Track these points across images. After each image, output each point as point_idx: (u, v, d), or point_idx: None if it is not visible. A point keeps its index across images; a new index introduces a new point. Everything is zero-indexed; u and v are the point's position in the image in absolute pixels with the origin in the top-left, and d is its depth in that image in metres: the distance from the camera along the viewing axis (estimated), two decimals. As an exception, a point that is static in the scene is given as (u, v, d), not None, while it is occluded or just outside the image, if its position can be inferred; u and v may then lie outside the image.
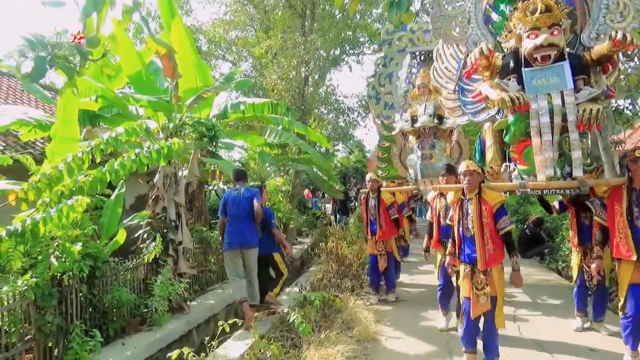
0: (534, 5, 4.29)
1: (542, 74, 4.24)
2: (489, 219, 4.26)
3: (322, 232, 10.62)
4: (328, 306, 5.91)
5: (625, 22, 4.42)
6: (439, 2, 4.82)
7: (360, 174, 32.00)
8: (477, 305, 4.26)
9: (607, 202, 4.49)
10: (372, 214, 7.04)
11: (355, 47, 20.06)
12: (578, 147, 4.21)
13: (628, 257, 4.16)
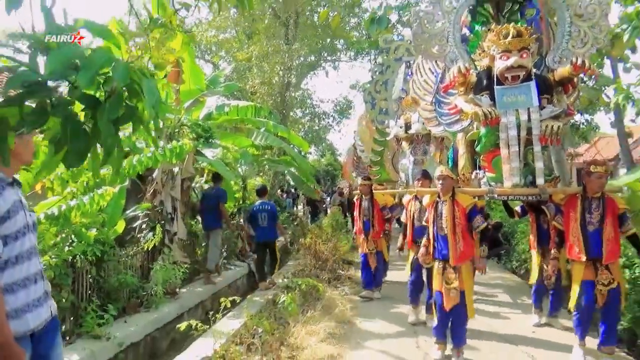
0: (506, 30, 4.54)
1: (511, 92, 4.46)
2: (462, 220, 4.61)
3: (301, 230, 10.81)
4: (310, 293, 6.28)
5: (584, 48, 4.72)
6: (421, 21, 5.01)
7: (330, 177, 32.28)
8: (448, 298, 4.58)
9: (563, 209, 4.81)
10: (366, 215, 7.18)
11: (333, 54, 20.24)
12: (540, 158, 4.44)
13: (579, 258, 4.49)
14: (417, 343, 5.34)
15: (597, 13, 4.75)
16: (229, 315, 5.49)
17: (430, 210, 4.87)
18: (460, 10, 5.04)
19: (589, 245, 4.43)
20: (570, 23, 4.81)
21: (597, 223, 4.45)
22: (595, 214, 4.47)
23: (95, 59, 1.54)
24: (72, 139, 1.57)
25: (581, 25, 4.79)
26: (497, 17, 5.40)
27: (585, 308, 4.50)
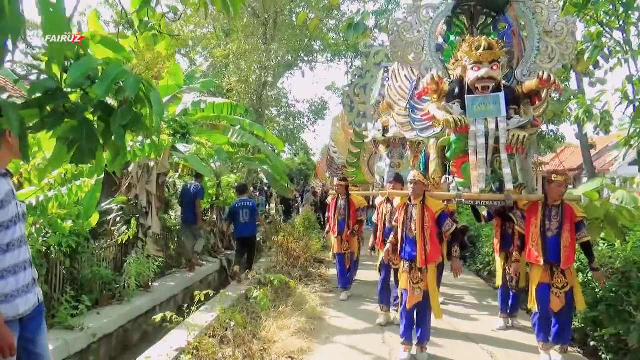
0: (479, 43, 4.73)
1: (481, 101, 4.65)
2: (430, 224, 4.75)
3: (274, 228, 10.89)
4: (281, 289, 6.39)
5: (551, 63, 4.98)
6: (399, 29, 5.16)
7: (304, 177, 32.32)
8: (412, 297, 4.73)
9: (526, 215, 4.97)
10: (342, 215, 7.27)
11: (309, 55, 20.32)
12: (507, 165, 4.63)
13: (537, 262, 4.67)
14: (383, 339, 5.51)
15: (564, 31, 5.00)
16: (202, 309, 5.55)
17: (401, 212, 4.99)
18: (436, 21, 5.22)
19: (547, 250, 4.63)
20: (539, 39, 5.04)
21: (556, 230, 4.63)
22: (555, 221, 4.65)
23: (109, 72, 1.78)
24: (86, 140, 1.80)
25: (549, 41, 5.02)
26: (471, 29, 5.62)
27: (542, 310, 4.69)
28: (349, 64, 21.92)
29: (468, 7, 5.67)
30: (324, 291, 7.53)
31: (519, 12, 5.21)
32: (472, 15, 5.71)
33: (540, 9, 5.09)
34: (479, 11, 5.74)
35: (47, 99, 1.70)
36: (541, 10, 5.08)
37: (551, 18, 5.06)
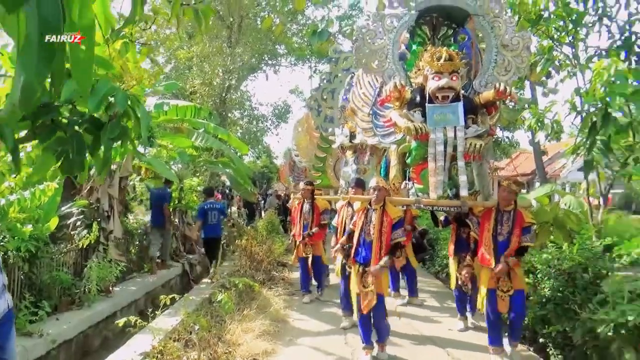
0: (440, 54, 4.89)
1: (441, 110, 4.79)
2: (388, 229, 4.86)
3: (237, 231, 10.84)
4: (245, 292, 6.38)
5: (507, 75, 5.17)
6: (364, 37, 5.26)
7: (266, 180, 32.18)
8: (365, 301, 4.81)
9: (480, 220, 5.16)
10: (306, 219, 7.29)
11: (274, 58, 20.30)
12: (464, 173, 4.79)
13: (489, 265, 4.84)
14: (345, 340, 5.62)
15: (520, 45, 5.20)
16: (166, 313, 5.50)
17: (360, 215, 5.08)
18: (400, 30, 5.34)
19: (497, 254, 4.79)
20: (496, 52, 5.23)
21: (506, 234, 4.82)
22: (506, 226, 4.84)
23: (100, 88, 1.89)
24: (77, 152, 1.92)
25: (506, 54, 5.22)
26: (432, 39, 5.80)
27: (491, 313, 4.88)
28: (312, 68, 22.03)
29: (430, 18, 5.85)
30: (287, 294, 7.59)
31: (478, 26, 5.39)
32: (434, 26, 5.89)
33: (498, 24, 5.28)
34: (441, 22, 5.93)
35: (39, 112, 1.76)
36: (499, 25, 5.28)
37: (508, 32, 5.26)
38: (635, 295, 4.16)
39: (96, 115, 2.01)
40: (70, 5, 1.36)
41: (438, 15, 5.84)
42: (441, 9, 5.61)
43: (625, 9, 6.96)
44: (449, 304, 7.21)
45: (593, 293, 4.76)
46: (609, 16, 7.14)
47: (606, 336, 4.15)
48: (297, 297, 7.53)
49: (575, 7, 7.27)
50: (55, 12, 1.27)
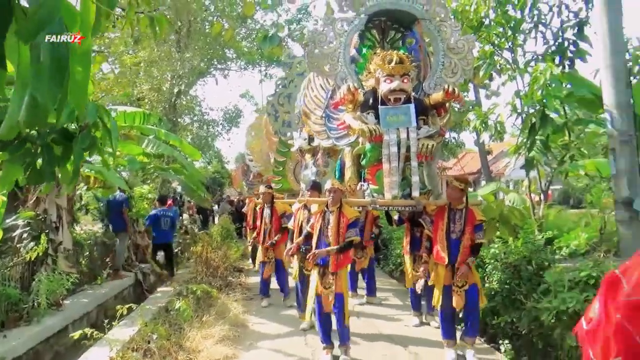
0: (391, 57, 4.99)
1: (393, 112, 4.89)
2: (345, 230, 4.86)
3: (191, 238, 10.66)
4: (203, 299, 6.28)
5: (454, 77, 5.35)
6: (315, 41, 5.29)
7: (218, 185, 31.70)
8: (326, 301, 4.82)
9: (434, 218, 5.21)
10: (267, 224, 7.22)
11: (223, 62, 20.09)
12: (416, 173, 4.90)
13: (443, 262, 4.91)
14: (305, 341, 5.64)
15: (465, 48, 5.41)
16: (122, 323, 5.33)
17: (318, 218, 5.09)
18: (350, 34, 5.40)
19: (451, 251, 4.88)
20: (443, 55, 5.40)
21: (459, 232, 4.90)
22: (458, 224, 4.92)
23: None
24: (48, 162, 1.96)
25: (452, 57, 5.40)
26: (382, 43, 5.92)
27: (446, 309, 4.94)
28: (263, 72, 21.98)
29: (379, 22, 5.96)
30: (245, 299, 7.55)
31: (425, 29, 5.53)
32: (383, 29, 6.01)
33: (445, 28, 5.46)
34: (389, 26, 6.06)
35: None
36: (445, 29, 5.45)
37: (454, 36, 5.44)
38: (574, 283, 4.38)
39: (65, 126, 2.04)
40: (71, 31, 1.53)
41: (387, 19, 5.95)
42: (390, 13, 5.72)
43: (558, 16, 7.41)
44: (405, 302, 7.31)
45: (537, 283, 4.99)
46: (544, 23, 7.57)
47: (549, 323, 4.37)
48: (256, 301, 7.51)
49: (513, 14, 7.67)
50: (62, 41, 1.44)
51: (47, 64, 1.42)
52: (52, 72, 1.43)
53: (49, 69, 1.42)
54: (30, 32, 1.35)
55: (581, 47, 7.30)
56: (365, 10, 5.41)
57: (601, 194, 8.25)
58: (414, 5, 5.47)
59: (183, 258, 10.73)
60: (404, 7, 5.49)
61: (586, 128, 6.46)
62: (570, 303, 4.14)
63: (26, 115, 1.45)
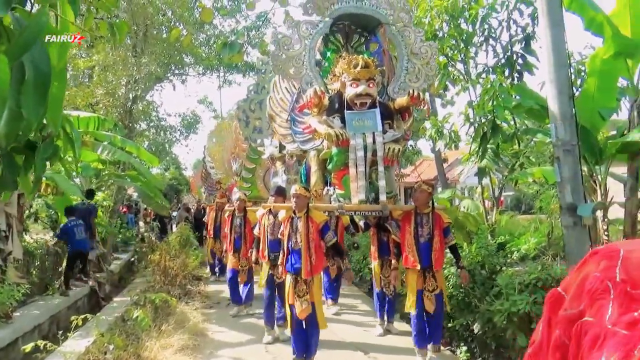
0: (357, 61, 4.95)
1: (359, 116, 4.85)
2: (315, 235, 4.74)
3: (149, 246, 10.41)
4: (162, 308, 6.13)
5: (418, 83, 5.35)
6: (279, 43, 5.19)
7: (175, 192, 31.09)
8: (301, 310, 4.64)
9: (401, 223, 5.18)
10: (237, 232, 7.06)
11: (180, 68, 19.76)
12: (383, 177, 4.85)
13: (414, 266, 4.87)
14: (266, 348, 5.56)
15: (428, 53, 5.42)
16: (76, 335, 5.08)
17: (286, 225, 4.91)
18: (315, 37, 5.32)
19: (420, 255, 4.85)
20: (407, 60, 5.39)
21: (427, 236, 4.88)
22: (426, 228, 4.91)
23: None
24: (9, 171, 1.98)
25: (416, 62, 5.39)
26: (346, 47, 5.86)
27: (418, 314, 4.87)
28: (221, 78, 21.73)
29: (343, 25, 5.91)
30: (205, 307, 7.40)
31: (390, 34, 5.52)
32: (347, 34, 5.97)
33: (408, 33, 5.46)
34: (353, 30, 6.02)
35: None
36: (409, 34, 5.46)
37: (417, 41, 5.45)
38: (524, 286, 4.50)
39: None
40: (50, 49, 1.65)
41: (351, 24, 5.93)
42: (354, 17, 5.70)
43: (507, 31, 7.74)
44: (366, 309, 7.29)
45: (490, 287, 5.07)
46: (494, 37, 7.88)
47: (501, 325, 4.46)
48: (215, 309, 7.38)
49: (465, 28, 7.97)
50: (44, 60, 1.57)
51: (31, 81, 1.53)
52: (36, 88, 1.54)
53: (33, 86, 1.53)
54: (16, 53, 1.48)
55: (528, 61, 7.63)
56: (329, 13, 5.37)
57: (550, 200, 8.66)
58: (378, 10, 5.47)
59: (140, 267, 10.44)
60: (368, 12, 5.49)
61: (534, 137, 6.72)
62: (520, 305, 4.26)
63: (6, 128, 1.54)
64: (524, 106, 6.00)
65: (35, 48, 1.52)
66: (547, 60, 4.82)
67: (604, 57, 4.93)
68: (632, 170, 5.07)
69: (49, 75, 1.57)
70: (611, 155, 5.22)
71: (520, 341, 4.31)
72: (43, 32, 1.55)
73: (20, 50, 1.48)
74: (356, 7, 5.48)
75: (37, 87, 1.54)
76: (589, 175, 5.44)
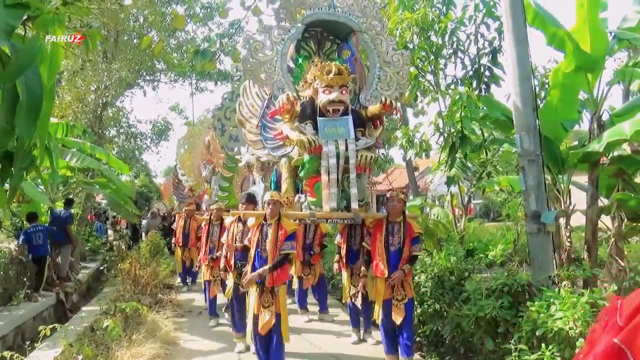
0: (329, 68, 4.94)
1: (332, 123, 4.84)
2: (282, 243, 4.59)
3: (118, 255, 10.21)
4: (132, 317, 6.02)
5: (390, 91, 5.37)
6: (251, 48, 5.11)
7: (145, 199, 30.50)
8: (264, 321, 4.48)
9: (372, 231, 5.09)
10: (213, 242, 6.94)
11: (152, 74, 19.51)
12: (355, 185, 4.83)
13: (382, 275, 4.78)
14: (238, 357, 5.52)
15: (400, 62, 5.47)
16: (43, 346, 4.94)
17: (255, 232, 4.79)
18: (287, 42, 5.27)
19: (390, 264, 4.77)
20: (379, 68, 5.41)
21: (398, 245, 4.81)
22: (397, 237, 4.83)
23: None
24: None
25: (388, 70, 5.43)
26: (318, 54, 5.86)
27: (387, 323, 4.81)
28: (194, 85, 21.58)
29: (315, 32, 5.90)
30: (176, 316, 7.31)
31: (362, 42, 5.53)
32: (319, 40, 5.96)
33: (380, 41, 5.48)
34: (325, 37, 6.02)
35: None
36: (381, 42, 5.48)
37: (389, 50, 5.48)
38: (491, 292, 4.59)
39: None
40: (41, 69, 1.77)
41: (323, 30, 5.92)
42: (326, 24, 5.69)
43: (475, 44, 7.99)
44: (343, 317, 7.11)
45: (458, 292, 5.13)
46: (462, 50, 8.12)
47: (469, 329, 4.52)
48: (187, 318, 7.30)
49: (435, 40, 8.20)
50: (37, 82, 1.68)
51: (24, 103, 1.63)
52: (29, 109, 1.65)
53: (27, 107, 1.64)
54: (11, 76, 1.59)
55: (495, 73, 7.87)
56: (302, 19, 5.35)
57: (516, 208, 8.90)
58: (350, 17, 5.47)
59: (109, 276, 10.23)
60: (341, 19, 5.49)
61: (501, 147, 6.90)
62: (488, 310, 4.33)
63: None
64: (490, 117, 6.17)
65: (29, 71, 1.62)
66: (512, 73, 4.97)
67: (566, 71, 5.12)
68: (593, 179, 5.27)
69: (41, 97, 1.67)
70: (573, 164, 5.39)
71: (487, 345, 4.38)
72: (36, 57, 1.64)
73: (15, 73, 1.57)
74: (329, 14, 5.47)
75: (30, 109, 1.64)
76: (552, 184, 5.60)
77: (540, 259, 4.79)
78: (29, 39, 1.72)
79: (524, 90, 4.85)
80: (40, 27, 1.77)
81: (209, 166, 10.65)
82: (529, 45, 4.88)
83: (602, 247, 6.09)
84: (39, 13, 1.73)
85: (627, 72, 5.06)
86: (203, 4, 19.52)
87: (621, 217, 5.26)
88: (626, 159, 5.34)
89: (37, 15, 1.73)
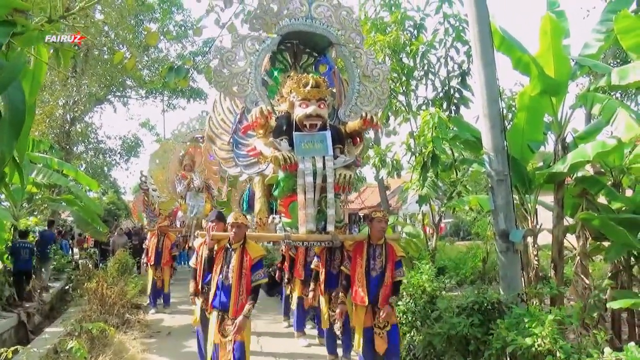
0: (306, 80, 4.65)
1: (309, 139, 4.56)
2: (248, 271, 4.26)
3: (84, 274, 9.89)
4: (98, 338, 5.83)
5: (370, 106, 5.21)
6: (223, 58, 4.84)
7: (113, 217, 29.73)
8: (224, 352, 4.18)
9: (351, 255, 4.75)
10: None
11: (122, 90, 19.26)
12: (333, 205, 4.54)
13: (363, 303, 4.48)
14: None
15: (380, 76, 5.31)
16: None
17: (219, 256, 4.41)
18: (262, 53, 4.98)
19: (370, 290, 4.47)
20: (359, 82, 5.24)
21: (380, 269, 4.51)
22: (379, 261, 4.53)
23: None
24: None
25: (368, 85, 5.27)
26: (294, 67, 5.65)
27: (368, 352, 4.51)
28: (165, 102, 21.37)
29: (291, 44, 5.66)
30: (144, 337, 7.10)
31: (340, 55, 5.35)
32: (295, 53, 5.73)
33: (360, 54, 5.31)
34: (302, 50, 5.79)
35: None
36: (360, 55, 5.30)
37: (369, 64, 5.30)
38: (462, 309, 4.61)
39: None
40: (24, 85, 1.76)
41: (300, 42, 5.69)
42: (303, 35, 5.45)
43: (445, 67, 8.22)
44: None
45: (430, 311, 5.11)
46: (433, 72, 8.34)
47: (441, 347, 4.54)
48: (155, 339, 7.11)
49: (406, 62, 8.39)
50: (20, 99, 1.67)
51: (7, 119, 1.63)
52: (12, 126, 1.65)
53: (9, 124, 1.64)
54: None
55: (465, 95, 8.11)
56: (278, 29, 5.05)
57: (486, 227, 9.07)
58: (329, 29, 5.24)
59: (74, 295, 9.87)
60: (319, 31, 5.23)
61: (470, 167, 7.04)
62: (459, 327, 4.35)
63: None
64: (460, 137, 6.31)
65: (13, 87, 1.61)
66: (481, 95, 5.08)
67: (532, 95, 5.32)
68: (558, 199, 5.44)
69: (24, 113, 1.67)
70: (539, 184, 5.54)
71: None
72: (20, 73, 1.65)
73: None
74: (306, 25, 5.21)
75: (12, 125, 1.63)
76: (520, 203, 5.74)
77: (510, 276, 4.88)
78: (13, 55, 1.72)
79: (492, 112, 4.97)
80: (25, 44, 1.78)
81: (184, 182, 10.50)
82: (497, 69, 5.00)
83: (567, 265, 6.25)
84: (24, 30, 1.74)
85: (589, 96, 5.27)
86: (177, 22, 19.49)
87: (586, 236, 5.44)
88: (589, 179, 5.54)
89: (22, 32, 1.73)
